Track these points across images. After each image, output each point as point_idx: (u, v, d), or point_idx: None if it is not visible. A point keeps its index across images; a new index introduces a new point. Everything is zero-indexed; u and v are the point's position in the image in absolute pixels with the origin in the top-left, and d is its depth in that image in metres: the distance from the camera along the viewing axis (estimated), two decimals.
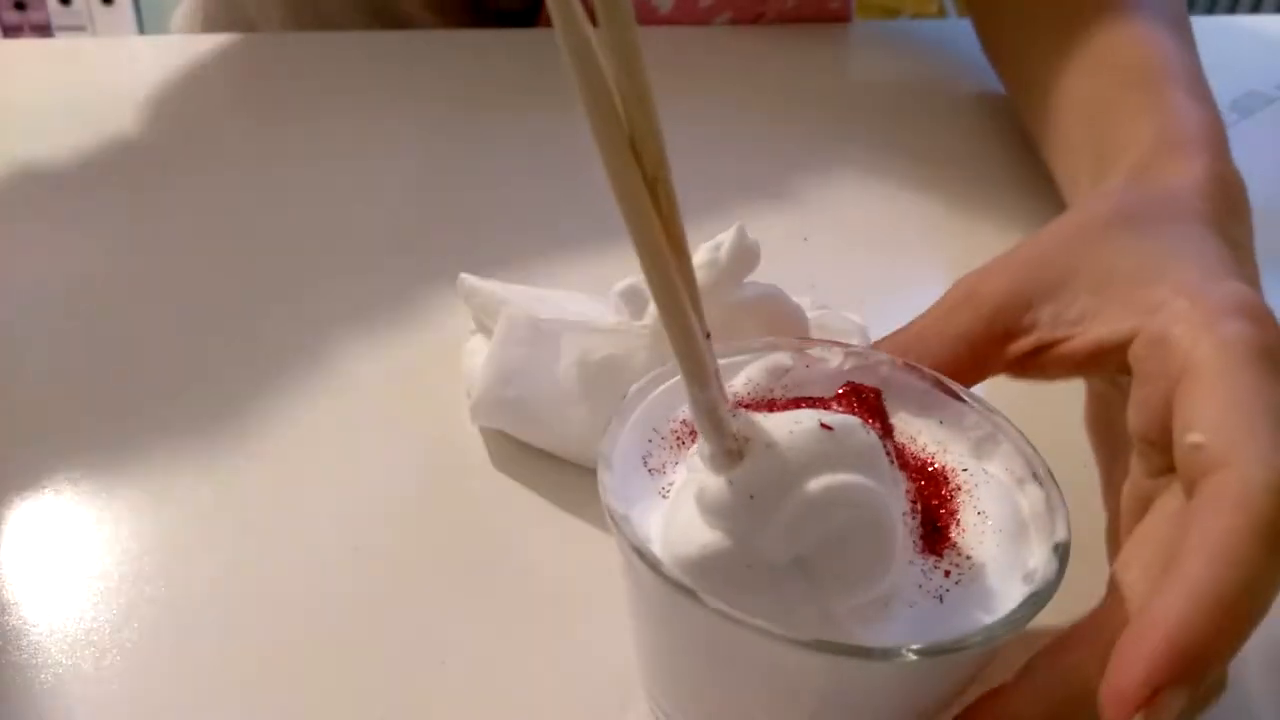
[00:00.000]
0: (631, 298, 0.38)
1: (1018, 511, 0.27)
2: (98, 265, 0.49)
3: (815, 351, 0.31)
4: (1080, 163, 0.48)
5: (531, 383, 0.38)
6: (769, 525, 0.23)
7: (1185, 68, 0.47)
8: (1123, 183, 0.40)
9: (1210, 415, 0.27)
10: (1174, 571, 0.24)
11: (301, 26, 0.76)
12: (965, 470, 0.28)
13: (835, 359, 0.31)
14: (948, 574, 0.25)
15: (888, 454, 0.25)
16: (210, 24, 0.80)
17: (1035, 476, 0.28)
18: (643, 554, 0.24)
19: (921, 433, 0.30)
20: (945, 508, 0.27)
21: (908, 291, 0.52)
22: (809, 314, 0.39)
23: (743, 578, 0.24)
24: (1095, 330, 0.31)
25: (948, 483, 0.28)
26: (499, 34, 0.74)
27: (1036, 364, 0.32)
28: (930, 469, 0.28)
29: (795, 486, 0.23)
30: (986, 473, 0.28)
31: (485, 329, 0.41)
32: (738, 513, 0.23)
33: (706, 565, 0.24)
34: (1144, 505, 0.29)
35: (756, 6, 0.74)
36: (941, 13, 0.89)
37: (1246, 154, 0.46)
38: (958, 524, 0.27)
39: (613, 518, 0.25)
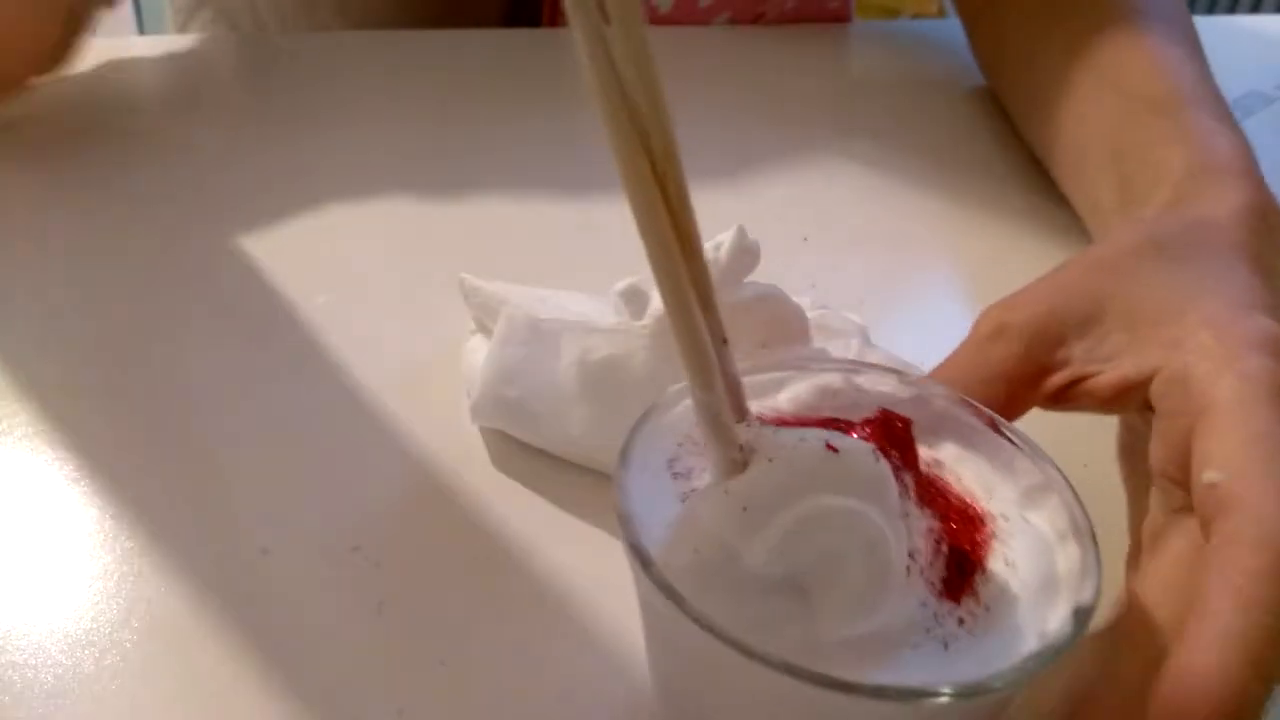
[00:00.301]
0: (631, 298, 0.38)
1: (1052, 568, 0.26)
2: (97, 264, 0.49)
3: (870, 376, 0.30)
4: (1103, 189, 0.47)
5: (531, 383, 0.38)
6: (759, 539, 0.23)
7: (1205, 89, 0.47)
8: (1158, 212, 0.39)
9: (1226, 453, 0.26)
10: (1202, 619, 0.24)
11: (329, 25, 0.75)
12: (1005, 517, 0.27)
13: (889, 385, 0.30)
14: (961, 622, 0.24)
15: (903, 486, 0.25)
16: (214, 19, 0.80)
17: (1078, 534, 0.26)
18: (638, 552, 0.24)
19: (968, 473, 0.29)
20: (975, 553, 0.26)
21: (908, 291, 0.52)
22: (809, 314, 0.39)
23: (731, 588, 0.23)
24: (1121, 367, 0.31)
25: (983, 528, 0.27)
26: (500, 34, 0.74)
27: (1069, 397, 0.32)
28: (967, 511, 0.27)
29: (789, 504, 0.23)
30: (1028, 522, 0.27)
31: (485, 329, 0.41)
32: (730, 523, 0.23)
33: (696, 571, 0.23)
34: (1159, 540, 0.29)
35: (756, 6, 0.74)
36: (941, 13, 0.89)
37: None
38: (983, 572, 0.26)
39: (618, 515, 0.25)
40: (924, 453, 0.29)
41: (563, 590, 0.35)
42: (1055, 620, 0.24)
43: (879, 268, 0.53)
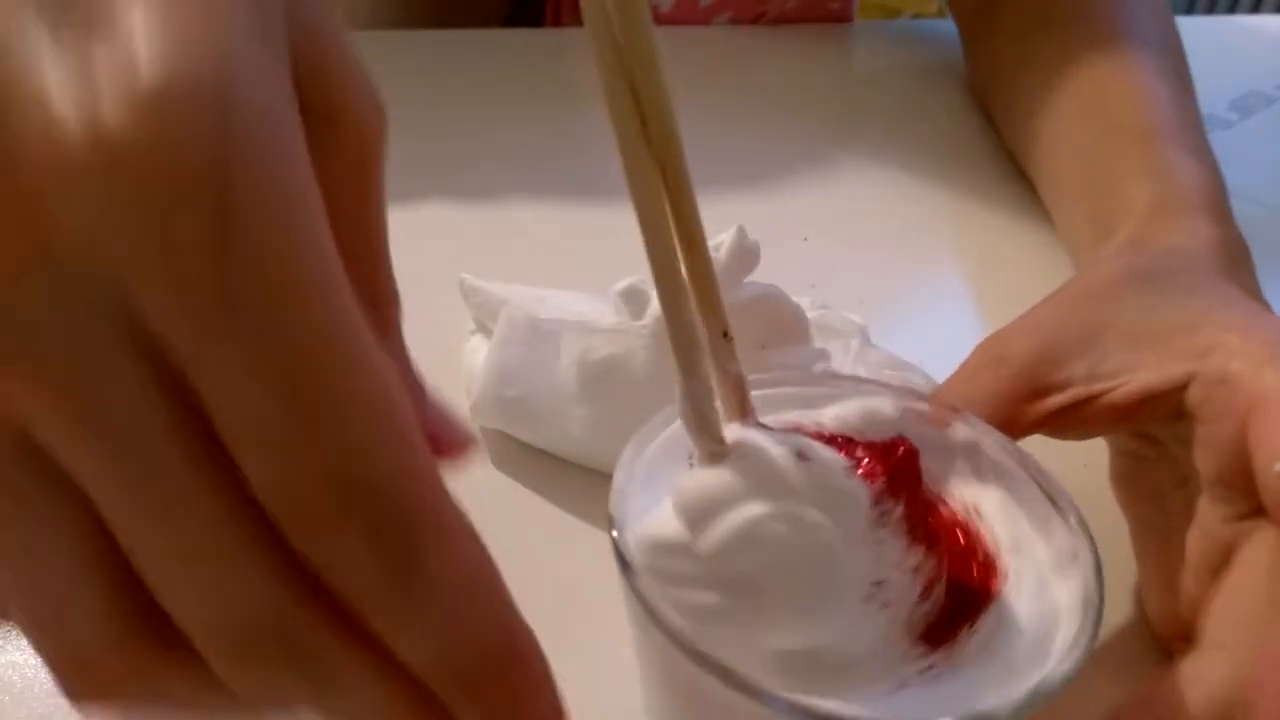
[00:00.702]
0: (631, 298, 0.38)
1: (1047, 642, 0.25)
2: None
3: (931, 412, 0.29)
4: (1077, 219, 0.48)
5: (531, 383, 0.38)
6: (710, 534, 0.23)
7: (1183, 119, 0.47)
8: (1122, 248, 0.40)
9: None
10: None
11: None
12: (1020, 577, 0.26)
13: (960, 429, 0.29)
14: (925, 670, 0.24)
15: (883, 513, 0.24)
16: None
17: (1085, 608, 0.25)
18: (615, 543, 0.24)
19: (1004, 525, 0.28)
20: (973, 607, 0.25)
21: (908, 291, 0.52)
22: (809, 314, 0.39)
23: (687, 581, 0.23)
24: (1142, 378, 0.31)
25: (995, 584, 0.26)
26: (501, 34, 0.74)
27: (1076, 419, 0.32)
28: (987, 563, 0.27)
29: (742, 504, 0.23)
30: (1045, 587, 0.26)
31: (485, 329, 0.41)
32: (688, 515, 0.23)
33: (658, 558, 0.23)
34: (1222, 551, 0.29)
35: (757, 6, 0.74)
36: (942, 13, 0.89)
37: (1246, 154, 0.46)
38: (973, 629, 0.25)
39: (609, 511, 0.25)
40: (966, 498, 0.28)
41: (563, 590, 0.35)
42: (1020, 692, 0.23)
43: (879, 268, 0.53)
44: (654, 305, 0.37)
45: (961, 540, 0.27)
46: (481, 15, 0.76)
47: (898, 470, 0.25)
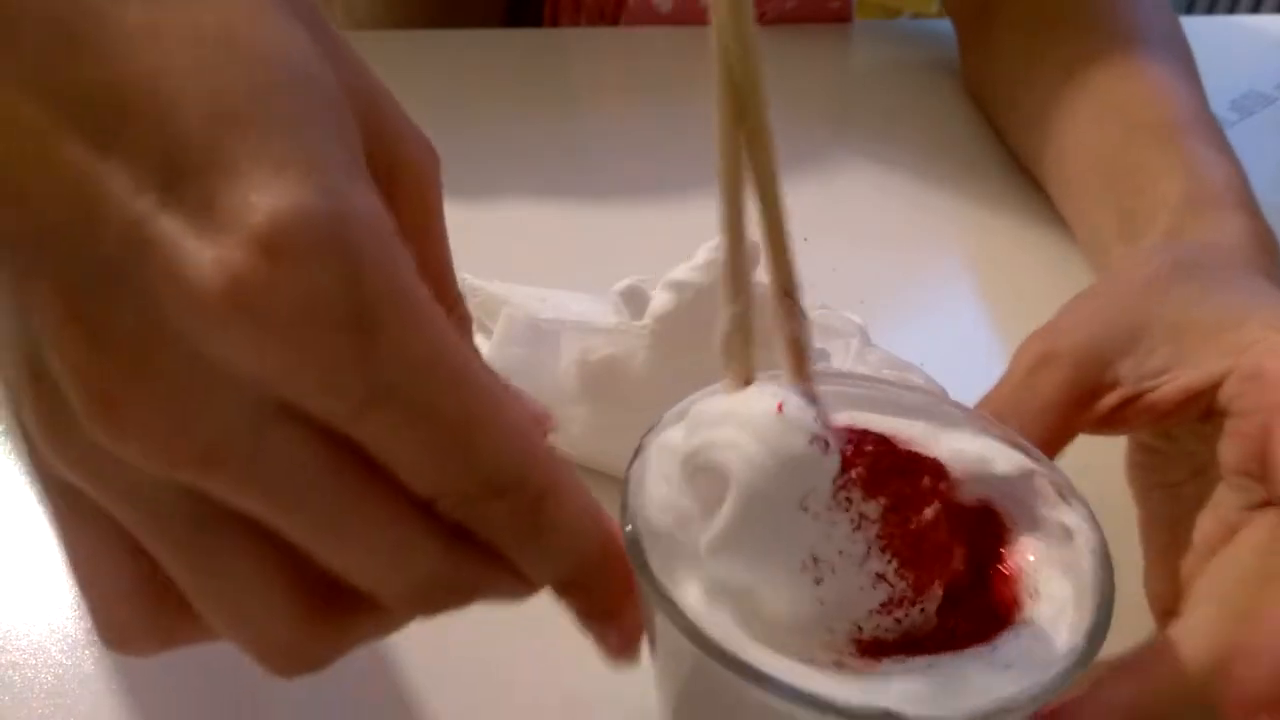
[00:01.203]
0: (631, 298, 0.38)
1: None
2: None
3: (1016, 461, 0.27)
4: (1101, 218, 0.47)
5: (531, 383, 0.38)
6: (687, 448, 0.24)
7: (1200, 115, 0.47)
8: (1160, 243, 0.40)
9: None
10: None
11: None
12: (1019, 635, 0.25)
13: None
14: (836, 666, 0.23)
15: (847, 498, 0.24)
16: None
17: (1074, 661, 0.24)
18: (626, 536, 0.24)
19: (1030, 576, 0.26)
20: (927, 645, 0.24)
21: (908, 291, 0.52)
22: (808, 314, 0.39)
23: (674, 482, 0.25)
24: (1185, 377, 0.31)
25: (986, 639, 0.24)
26: (500, 34, 0.74)
27: (1120, 418, 0.32)
28: (986, 614, 0.25)
29: (713, 429, 0.24)
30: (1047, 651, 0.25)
31: (485, 329, 0.41)
32: (689, 423, 0.25)
33: (662, 457, 0.25)
34: (1229, 536, 0.29)
35: (757, 6, 0.74)
36: (941, 13, 0.89)
37: (1246, 154, 0.46)
38: (903, 660, 0.24)
39: (623, 501, 0.25)
40: (1015, 553, 0.27)
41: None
42: (1035, 681, 0.23)
43: (879, 268, 0.53)
44: (654, 305, 0.37)
45: (987, 583, 0.26)
46: (480, 15, 0.76)
47: (891, 471, 0.24)
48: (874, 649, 0.24)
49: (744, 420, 0.23)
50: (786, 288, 0.25)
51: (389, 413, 0.19)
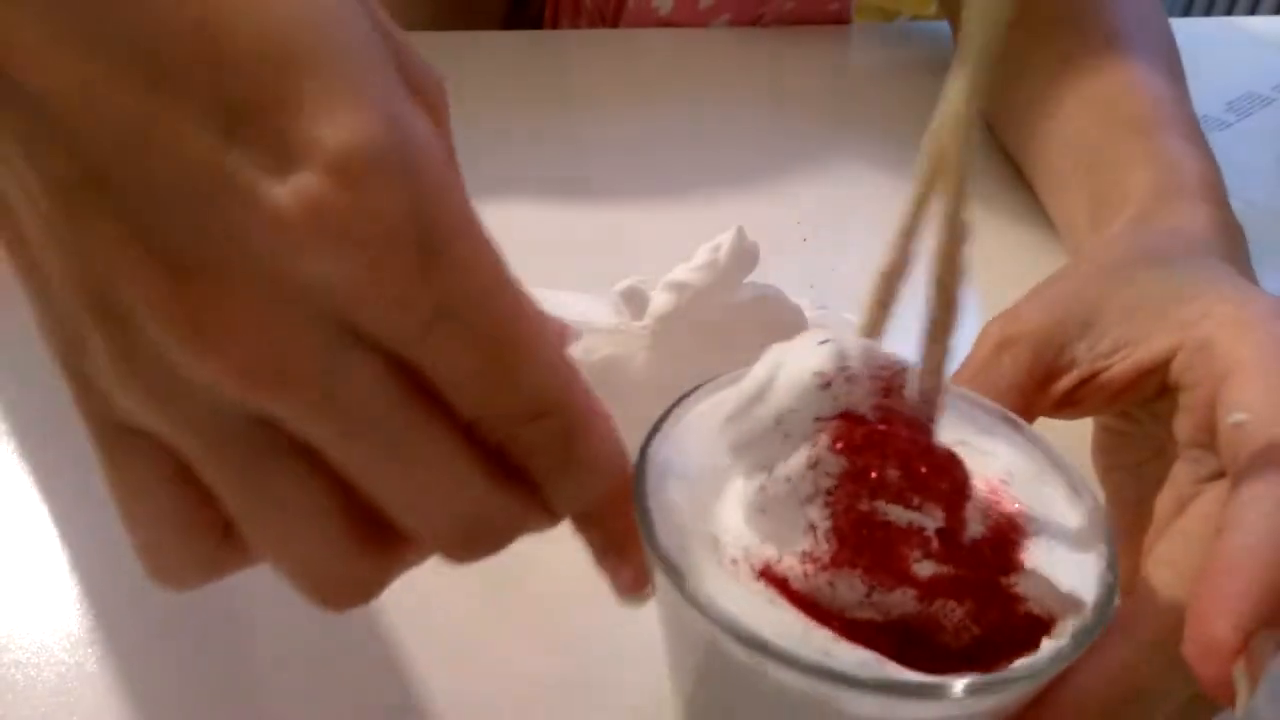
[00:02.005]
0: (631, 298, 0.38)
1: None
2: None
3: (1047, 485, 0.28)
4: (1077, 208, 0.48)
5: None
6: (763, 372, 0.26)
7: (1179, 112, 0.48)
8: (1126, 228, 0.41)
9: (1251, 398, 0.27)
10: (1231, 531, 0.24)
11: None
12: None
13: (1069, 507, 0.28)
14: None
15: (822, 432, 0.25)
16: None
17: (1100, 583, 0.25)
18: (640, 519, 0.25)
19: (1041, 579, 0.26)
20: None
21: (906, 292, 0.52)
22: (808, 314, 0.39)
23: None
24: (1136, 355, 0.31)
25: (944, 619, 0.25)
26: (500, 35, 0.74)
27: (1076, 399, 0.32)
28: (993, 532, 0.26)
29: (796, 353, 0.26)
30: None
31: None
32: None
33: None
34: (1184, 509, 0.29)
35: (756, 8, 0.75)
36: (940, 14, 0.89)
37: (1243, 155, 0.46)
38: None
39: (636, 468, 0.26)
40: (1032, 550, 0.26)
41: (564, 589, 0.35)
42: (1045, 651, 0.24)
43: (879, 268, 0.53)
44: (654, 305, 0.37)
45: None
46: (480, 16, 0.76)
47: (869, 445, 0.25)
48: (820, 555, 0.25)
49: (792, 343, 0.26)
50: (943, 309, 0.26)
51: (450, 331, 0.20)
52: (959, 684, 0.22)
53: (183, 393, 0.20)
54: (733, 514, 0.26)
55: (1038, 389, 0.32)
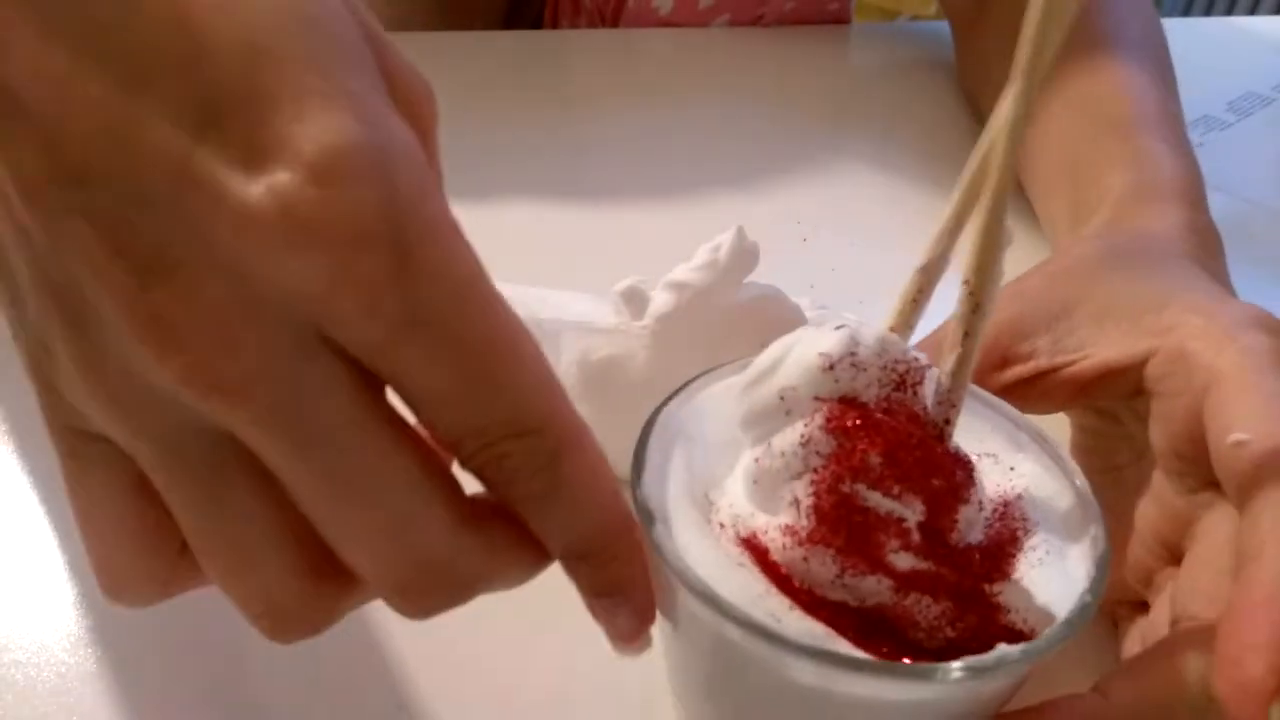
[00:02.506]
0: (631, 298, 0.38)
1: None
2: None
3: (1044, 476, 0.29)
4: (1057, 206, 0.49)
5: None
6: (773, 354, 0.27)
7: (1163, 113, 0.48)
8: (1099, 229, 0.41)
9: (1248, 414, 0.27)
10: (1255, 564, 0.24)
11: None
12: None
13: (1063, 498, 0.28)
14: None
15: (819, 412, 0.25)
16: None
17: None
18: (635, 495, 0.25)
19: (1036, 578, 0.26)
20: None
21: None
22: (809, 314, 0.39)
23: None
24: (1103, 353, 0.32)
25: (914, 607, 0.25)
26: (500, 35, 0.74)
27: (1038, 391, 0.33)
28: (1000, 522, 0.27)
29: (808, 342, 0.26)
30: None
31: None
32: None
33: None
34: (1176, 523, 0.30)
35: (755, 8, 0.75)
36: (939, 14, 0.89)
37: (1244, 155, 0.46)
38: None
39: (631, 469, 0.26)
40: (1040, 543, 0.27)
41: (564, 589, 0.35)
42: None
43: (879, 268, 0.53)
44: (654, 305, 0.37)
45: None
46: (480, 16, 0.76)
47: (856, 427, 0.25)
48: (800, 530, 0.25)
49: (813, 332, 0.27)
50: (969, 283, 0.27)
51: (421, 338, 0.20)
52: (896, 666, 0.23)
53: (145, 400, 0.20)
54: (737, 484, 0.27)
55: (990, 369, 0.33)
